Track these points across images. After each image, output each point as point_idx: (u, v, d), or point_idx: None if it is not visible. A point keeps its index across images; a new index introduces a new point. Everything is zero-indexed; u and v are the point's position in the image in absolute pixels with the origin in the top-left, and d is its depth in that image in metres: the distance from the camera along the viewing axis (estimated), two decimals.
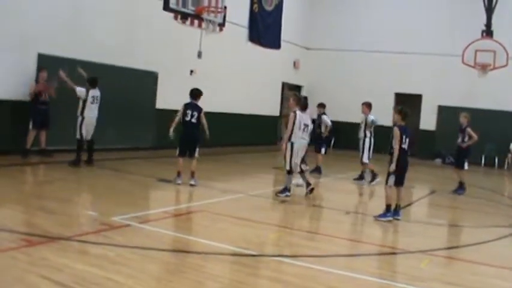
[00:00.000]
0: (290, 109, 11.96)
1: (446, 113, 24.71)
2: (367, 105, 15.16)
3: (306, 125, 11.56)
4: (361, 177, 14.97)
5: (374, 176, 14.77)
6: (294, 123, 11.38)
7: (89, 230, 7.46)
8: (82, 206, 9.38)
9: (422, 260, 7.46)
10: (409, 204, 12.78)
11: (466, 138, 14.11)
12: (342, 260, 7.19)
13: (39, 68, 14.07)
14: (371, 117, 14.86)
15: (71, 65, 14.06)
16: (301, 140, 11.50)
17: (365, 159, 14.77)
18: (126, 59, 16.81)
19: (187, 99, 12.30)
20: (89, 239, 7.02)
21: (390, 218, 9.77)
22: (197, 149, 12.24)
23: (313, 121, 13.66)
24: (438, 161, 24.16)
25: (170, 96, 18.63)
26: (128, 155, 15.73)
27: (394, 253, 7.98)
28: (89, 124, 13.49)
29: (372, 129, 14.89)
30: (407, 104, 26.05)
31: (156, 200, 11.19)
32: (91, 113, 13.47)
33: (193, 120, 12.11)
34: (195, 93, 12.55)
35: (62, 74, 13.52)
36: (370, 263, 7.30)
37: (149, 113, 18.05)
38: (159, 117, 18.32)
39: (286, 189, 11.45)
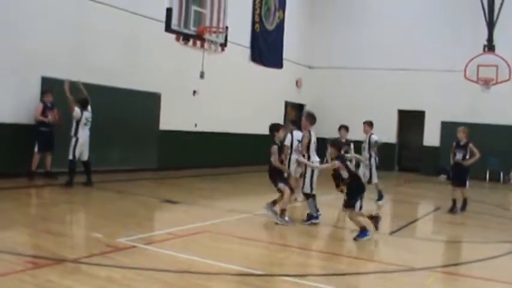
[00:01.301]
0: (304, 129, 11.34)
1: (449, 129, 24.68)
2: (369, 124, 14.97)
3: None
4: (381, 196, 14.77)
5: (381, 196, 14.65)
6: (309, 143, 10.86)
7: (94, 252, 7.46)
8: (87, 227, 9.38)
9: (428, 277, 7.44)
10: (414, 221, 12.76)
11: (468, 156, 13.53)
12: (348, 279, 7.17)
13: (44, 91, 14.16)
14: (374, 137, 14.73)
15: (73, 87, 14.13)
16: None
17: (374, 180, 14.56)
18: (129, 80, 16.92)
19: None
20: (95, 260, 7.02)
21: (369, 236, 9.52)
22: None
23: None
24: (443, 177, 24.07)
25: (174, 117, 18.75)
26: (132, 177, 15.75)
27: (399, 270, 7.94)
28: (83, 144, 13.54)
29: (376, 149, 14.77)
30: (410, 121, 26.28)
31: (161, 221, 11.19)
32: (84, 133, 13.54)
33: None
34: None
35: (67, 86, 13.59)
36: (377, 281, 7.27)
37: (153, 134, 18.11)
38: (162, 138, 18.41)
39: (312, 217, 10.89)
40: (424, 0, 26.06)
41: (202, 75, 17.19)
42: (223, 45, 16.96)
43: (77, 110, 13.35)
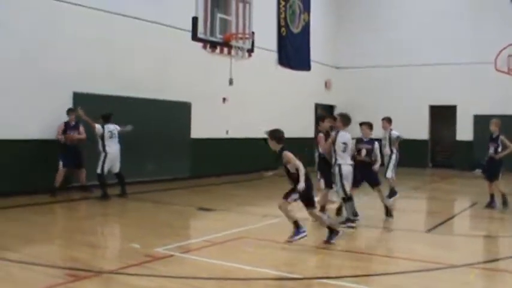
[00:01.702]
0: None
1: (482, 123, 24.39)
2: (388, 121, 14.84)
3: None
4: (393, 193, 14.50)
5: (393, 193, 14.45)
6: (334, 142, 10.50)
7: (132, 262, 7.53)
8: (124, 238, 9.47)
9: (469, 274, 7.35)
10: (451, 217, 12.62)
11: (500, 148, 13.30)
12: (388, 278, 7.12)
13: (68, 110, 14.25)
14: (395, 133, 14.60)
15: (105, 101, 14.30)
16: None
17: (388, 175, 14.37)
18: (159, 91, 17.08)
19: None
20: (133, 271, 7.08)
21: (303, 234, 8.89)
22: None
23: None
24: (478, 171, 23.74)
25: (205, 125, 18.85)
26: (166, 186, 15.89)
27: (439, 268, 7.85)
28: (113, 159, 13.71)
29: (397, 145, 14.60)
30: (443, 116, 26.01)
31: (197, 229, 11.26)
32: (112, 147, 13.68)
33: None
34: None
35: (81, 111, 13.73)
36: (417, 280, 7.19)
37: (185, 143, 18.23)
38: (194, 146, 18.52)
39: (349, 220, 10.56)
40: None
41: (231, 82, 17.24)
42: (250, 51, 16.96)
43: (97, 127, 13.54)
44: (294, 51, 24.09)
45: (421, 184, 18.02)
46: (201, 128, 18.81)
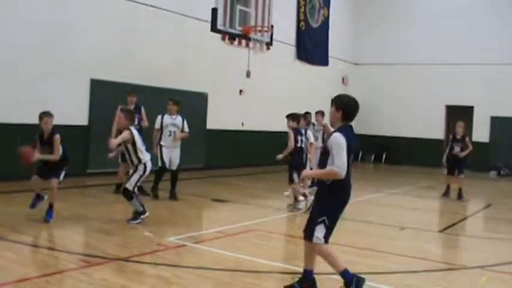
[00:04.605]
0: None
1: (499, 124, 24.26)
2: (322, 114, 15.80)
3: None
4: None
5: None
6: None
7: (145, 251, 7.58)
8: (138, 227, 9.53)
9: (481, 276, 7.33)
10: (464, 219, 12.58)
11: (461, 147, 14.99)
12: (398, 277, 7.12)
13: (128, 92, 12.97)
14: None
15: (122, 89, 14.29)
16: None
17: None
18: (176, 81, 17.10)
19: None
20: (146, 259, 7.14)
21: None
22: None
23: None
24: (493, 173, 23.66)
25: (220, 116, 18.88)
26: (181, 176, 15.87)
27: (451, 269, 7.84)
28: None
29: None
30: (459, 116, 25.96)
31: (210, 219, 11.30)
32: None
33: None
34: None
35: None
36: (427, 280, 7.19)
37: (201, 133, 18.25)
38: (210, 137, 18.56)
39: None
40: None
41: (248, 74, 17.27)
42: (269, 44, 16.96)
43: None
44: (312, 46, 24.04)
45: (435, 183, 17.93)
46: (217, 119, 18.84)
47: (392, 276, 7.18)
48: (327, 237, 5.85)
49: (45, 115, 9.05)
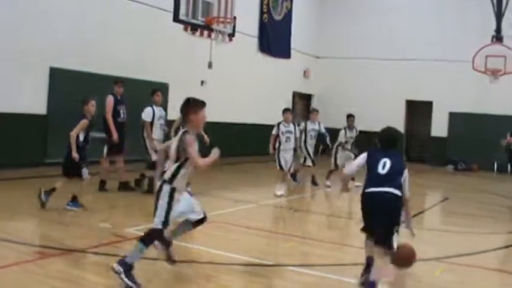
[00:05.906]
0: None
1: (457, 120, 24.66)
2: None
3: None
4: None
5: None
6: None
7: (102, 242, 7.50)
8: (96, 218, 9.41)
9: (436, 267, 7.43)
10: (421, 212, 12.74)
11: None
12: (356, 269, 7.17)
13: (116, 81, 12.79)
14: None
15: (82, 78, 14.08)
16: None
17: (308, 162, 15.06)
18: (137, 71, 16.87)
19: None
20: (103, 250, 7.06)
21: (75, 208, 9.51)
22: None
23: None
24: (450, 167, 24.04)
25: None
26: (137, 167, 15.71)
27: None
28: None
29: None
30: (418, 111, 26.25)
31: None
32: None
33: None
34: None
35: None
36: None
37: None
38: (170, 127, 18.40)
39: None
40: None
41: (210, 66, 17.19)
42: (231, 36, 16.92)
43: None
44: (275, 38, 24.02)
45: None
46: (178, 109, 18.67)
47: (352, 267, 7.24)
48: None
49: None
